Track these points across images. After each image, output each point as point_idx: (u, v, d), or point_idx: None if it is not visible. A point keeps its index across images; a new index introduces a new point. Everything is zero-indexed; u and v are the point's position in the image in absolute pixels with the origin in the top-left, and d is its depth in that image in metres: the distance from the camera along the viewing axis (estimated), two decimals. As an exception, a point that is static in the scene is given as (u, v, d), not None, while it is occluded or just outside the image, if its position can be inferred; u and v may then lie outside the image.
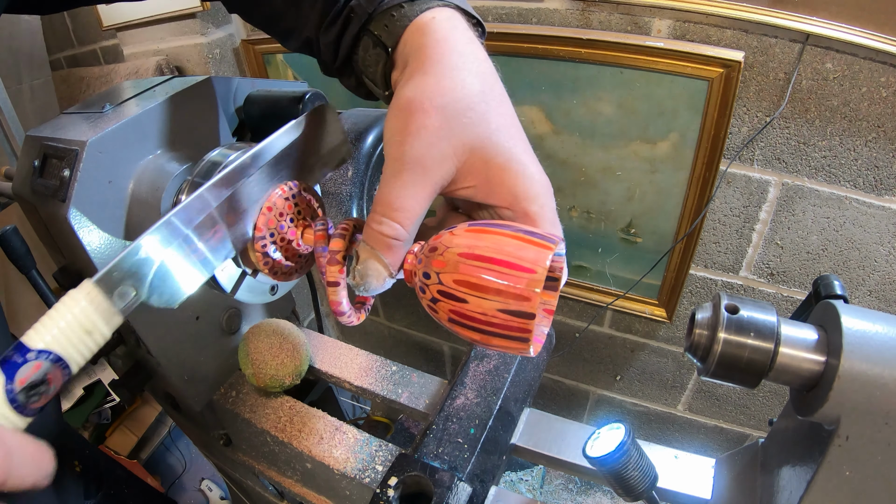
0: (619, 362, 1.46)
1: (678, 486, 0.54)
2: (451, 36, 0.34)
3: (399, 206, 0.31)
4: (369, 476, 0.56)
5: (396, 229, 0.32)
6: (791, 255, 1.06)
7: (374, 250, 0.32)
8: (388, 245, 0.32)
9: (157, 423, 1.77)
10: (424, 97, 0.32)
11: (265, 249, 0.38)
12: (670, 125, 0.98)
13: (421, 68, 0.33)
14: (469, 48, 0.34)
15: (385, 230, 0.31)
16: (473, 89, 0.33)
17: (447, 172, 0.32)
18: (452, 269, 0.29)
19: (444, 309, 0.30)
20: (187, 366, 0.62)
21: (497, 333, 0.29)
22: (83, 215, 0.47)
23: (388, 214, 0.31)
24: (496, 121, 0.33)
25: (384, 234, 0.32)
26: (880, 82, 0.82)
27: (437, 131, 0.31)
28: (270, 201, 0.37)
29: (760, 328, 0.35)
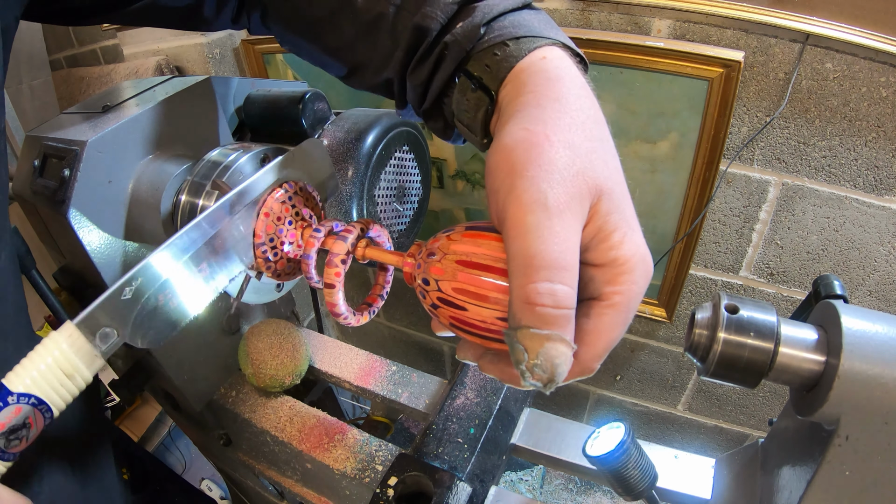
0: (619, 362, 1.46)
1: (678, 486, 0.54)
2: (565, 76, 0.30)
3: (564, 264, 0.25)
4: (369, 476, 0.56)
5: (568, 295, 0.25)
6: (791, 255, 1.06)
7: (551, 332, 0.24)
8: (565, 318, 0.24)
9: (157, 423, 1.77)
10: (547, 130, 0.27)
11: (266, 255, 0.38)
12: (670, 125, 0.98)
13: (535, 103, 0.29)
14: (584, 92, 0.31)
15: (559, 299, 0.24)
16: (594, 133, 0.29)
17: (585, 216, 0.27)
18: (451, 278, 0.29)
19: (445, 315, 0.30)
20: (187, 366, 0.62)
21: (498, 339, 0.29)
22: (83, 215, 0.47)
23: (555, 278, 0.24)
24: (615, 172, 0.29)
25: (559, 304, 0.24)
26: (880, 82, 0.82)
27: (570, 167, 0.26)
28: (267, 206, 0.37)
29: (760, 328, 0.35)
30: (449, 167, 1.28)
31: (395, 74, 0.37)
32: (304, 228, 0.39)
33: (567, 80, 0.30)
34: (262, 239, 0.37)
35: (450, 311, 0.30)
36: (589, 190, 0.27)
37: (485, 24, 0.32)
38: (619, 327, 0.27)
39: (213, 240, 0.34)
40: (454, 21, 0.34)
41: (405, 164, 0.65)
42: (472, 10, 0.33)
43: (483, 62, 0.32)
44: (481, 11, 0.33)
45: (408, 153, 0.65)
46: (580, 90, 0.30)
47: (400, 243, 0.66)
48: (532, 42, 0.31)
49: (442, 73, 0.34)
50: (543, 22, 0.34)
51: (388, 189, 0.63)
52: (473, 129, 0.34)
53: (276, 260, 0.39)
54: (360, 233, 0.36)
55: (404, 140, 0.63)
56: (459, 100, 0.34)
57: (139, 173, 0.50)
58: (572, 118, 0.29)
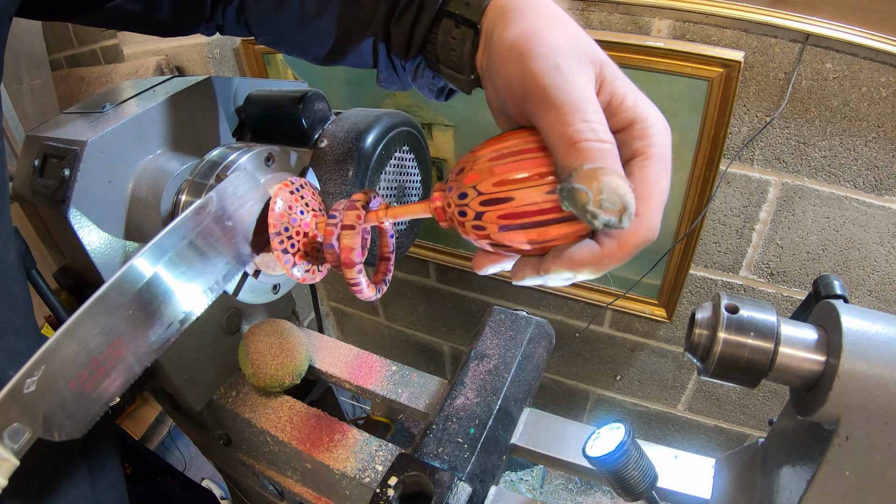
0: (619, 362, 1.46)
1: (678, 486, 0.54)
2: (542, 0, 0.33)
3: (592, 107, 0.27)
4: (369, 476, 0.56)
5: (605, 129, 0.27)
6: (791, 255, 1.06)
7: (603, 165, 0.25)
8: (611, 152, 0.26)
9: (157, 423, 1.77)
10: (539, 23, 0.31)
11: (283, 246, 0.37)
12: (670, 125, 0.98)
13: (519, 16, 0.32)
14: (556, 6, 0.33)
15: (599, 133, 0.26)
16: (576, 26, 0.32)
17: (594, 80, 0.29)
18: (488, 174, 0.29)
19: (493, 219, 0.29)
20: (187, 366, 0.62)
21: (553, 220, 0.28)
22: (83, 215, 0.47)
23: (588, 117, 0.26)
24: (603, 53, 0.32)
25: (601, 138, 0.26)
26: (880, 82, 0.82)
27: (570, 43, 0.30)
28: (275, 197, 0.36)
29: (760, 328, 0.35)
30: (449, 167, 1.27)
31: (380, 29, 0.38)
32: (318, 217, 0.39)
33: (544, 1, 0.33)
34: (277, 228, 0.37)
35: (496, 210, 0.29)
36: (590, 59, 0.30)
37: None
38: (665, 176, 0.29)
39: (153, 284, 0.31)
40: None
41: (405, 164, 0.65)
42: None
43: (462, 1, 0.34)
44: None
45: (408, 153, 0.65)
46: (553, 5, 0.33)
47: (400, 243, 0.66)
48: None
49: (425, 18, 0.36)
50: None
51: (388, 189, 0.63)
52: (460, 66, 0.36)
53: (295, 252, 0.38)
54: (366, 200, 0.36)
55: (404, 140, 0.63)
56: (444, 41, 0.35)
57: (139, 173, 0.50)
58: (556, 17, 0.32)
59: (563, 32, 0.30)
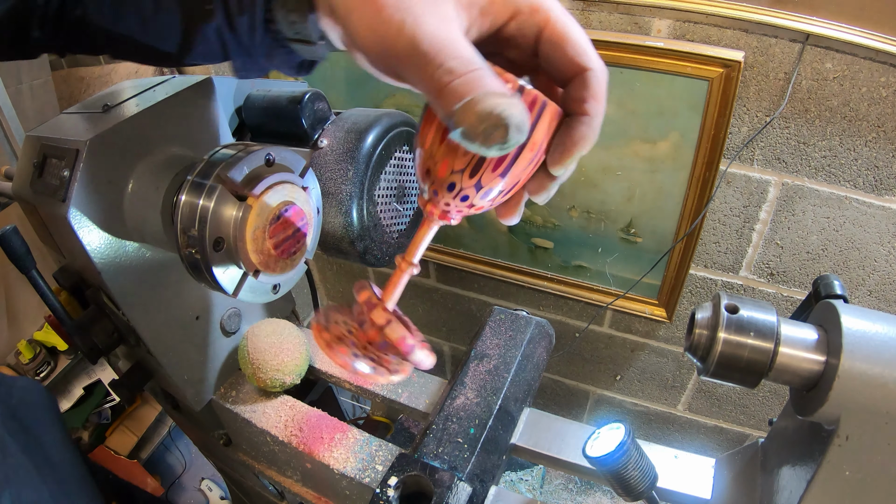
0: (619, 362, 1.46)
1: (678, 486, 0.54)
2: None
3: (450, 49, 0.24)
4: (369, 476, 0.56)
5: (467, 58, 0.24)
6: (791, 255, 1.06)
7: (468, 99, 0.23)
8: (479, 75, 0.24)
9: (157, 423, 1.77)
10: None
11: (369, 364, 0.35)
12: (670, 125, 0.98)
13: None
14: None
15: (463, 63, 0.24)
16: None
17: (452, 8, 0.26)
18: (453, 153, 0.28)
19: (490, 178, 0.28)
20: (187, 366, 0.62)
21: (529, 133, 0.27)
22: (83, 215, 0.47)
23: (446, 63, 0.24)
24: None
25: (466, 68, 0.24)
26: (880, 82, 0.82)
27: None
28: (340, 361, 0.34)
29: (760, 328, 0.35)
30: (449, 167, 1.27)
31: (221, 15, 0.36)
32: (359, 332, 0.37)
33: None
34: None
35: (485, 169, 0.28)
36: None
37: None
38: (594, 136, 0.28)
39: None
40: None
41: (405, 164, 0.65)
42: None
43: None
44: None
45: (408, 153, 0.65)
46: None
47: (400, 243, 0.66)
48: None
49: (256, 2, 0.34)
50: None
51: (388, 189, 0.63)
52: (307, 36, 0.34)
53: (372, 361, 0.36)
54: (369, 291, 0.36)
55: (404, 140, 0.63)
56: (284, 15, 0.34)
57: (139, 173, 0.50)
58: None
59: None
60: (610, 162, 1.08)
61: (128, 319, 0.53)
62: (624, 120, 1.01)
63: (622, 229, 1.17)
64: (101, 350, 0.56)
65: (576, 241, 1.24)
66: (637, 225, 1.15)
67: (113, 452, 1.67)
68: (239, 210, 0.42)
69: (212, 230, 0.41)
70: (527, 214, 1.25)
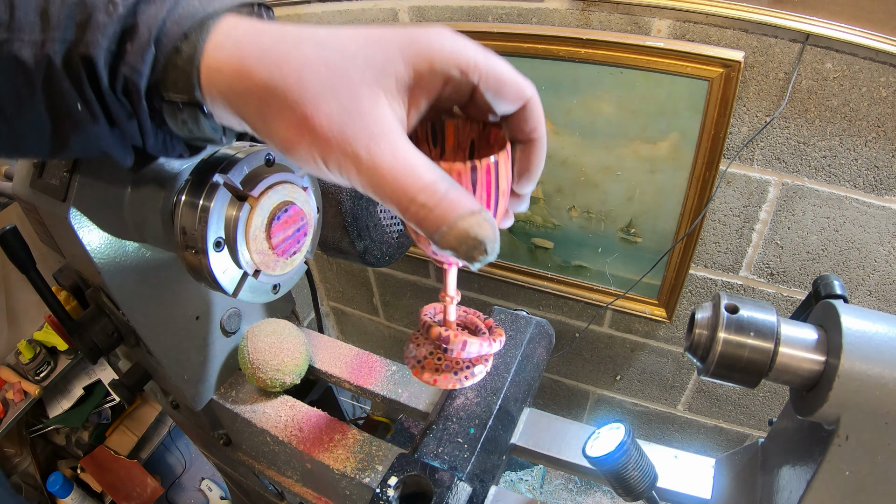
0: (619, 362, 1.46)
1: (678, 486, 0.54)
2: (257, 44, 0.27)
3: (402, 174, 0.24)
4: (369, 476, 0.56)
5: (429, 192, 0.25)
6: (791, 255, 1.06)
7: (446, 229, 0.25)
8: (447, 206, 0.25)
9: (157, 423, 1.78)
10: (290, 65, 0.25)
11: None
12: (670, 125, 0.98)
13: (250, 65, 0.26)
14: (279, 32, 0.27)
15: (426, 199, 0.24)
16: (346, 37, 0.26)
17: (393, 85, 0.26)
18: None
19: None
20: (187, 366, 0.62)
21: None
22: (83, 215, 0.47)
23: (410, 192, 0.25)
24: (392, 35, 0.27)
25: (429, 204, 0.24)
26: (880, 82, 0.82)
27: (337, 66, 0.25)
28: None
29: (760, 328, 0.35)
30: (449, 167, 1.27)
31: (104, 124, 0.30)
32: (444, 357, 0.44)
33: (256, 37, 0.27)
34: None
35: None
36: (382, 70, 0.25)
37: (153, 41, 0.28)
38: (544, 152, 0.31)
39: None
40: (121, 46, 0.28)
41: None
42: (134, 29, 0.28)
43: (170, 79, 0.28)
44: (145, 25, 0.28)
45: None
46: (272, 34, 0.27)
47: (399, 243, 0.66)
48: (200, 32, 0.27)
49: (140, 111, 0.29)
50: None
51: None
52: (209, 138, 0.31)
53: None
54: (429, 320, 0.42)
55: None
56: (176, 123, 0.30)
57: (139, 173, 0.50)
58: (293, 38, 0.26)
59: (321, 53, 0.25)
60: (610, 162, 1.08)
61: (128, 319, 0.53)
62: (624, 120, 1.01)
63: (622, 229, 1.17)
64: (101, 350, 0.56)
65: (576, 241, 1.24)
66: (637, 225, 1.15)
67: (113, 452, 1.67)
68: (239, 210, 0.42)
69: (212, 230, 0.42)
70: (527, 214, 1.25)
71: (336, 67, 0.25)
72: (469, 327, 0.50)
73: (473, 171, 0.27)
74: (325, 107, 0.25)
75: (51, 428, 1.62)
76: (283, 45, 0.26)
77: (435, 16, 1.08)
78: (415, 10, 1.10)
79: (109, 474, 1.65)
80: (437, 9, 1.07)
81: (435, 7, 1.07)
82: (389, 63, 0.26)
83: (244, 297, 0.48)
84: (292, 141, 0.26)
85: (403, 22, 1.12)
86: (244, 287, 0.47)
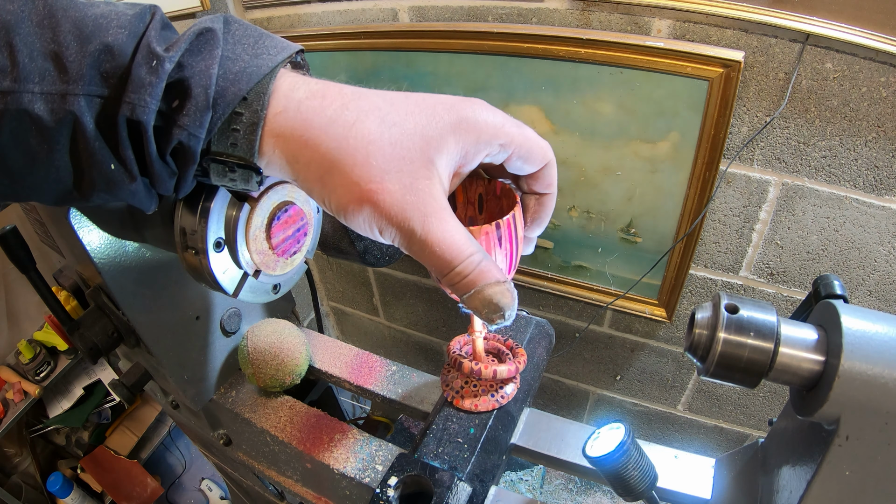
0: (619, 362, 1.46)
1: (678, 486, 0.54)
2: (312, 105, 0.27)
3: (448, 248, 0.28)
4: (369, 476, 0.56)
5: (467, 262, 0.28)
6: (791, 255, 1.06)
7: (474, 292, 0.28)
8: (475, 275, 0.28)
9: (157, 423, 1.78)
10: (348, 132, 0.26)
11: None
12: (670, 125, 0.98)
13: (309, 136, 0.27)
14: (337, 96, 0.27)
15: (461, 268, 0.28)
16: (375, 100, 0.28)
17: (444, 163, 0.28)
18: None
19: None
20: (187, 366, 0.62)
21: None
22: (83, 215, 0.47)
23: (453, 264, 0.28)
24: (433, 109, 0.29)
25: (462, 273, 0.28)
26: (880, 82, 0.82)
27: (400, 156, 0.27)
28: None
29: (760, 328, 0.35)
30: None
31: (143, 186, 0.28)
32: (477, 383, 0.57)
33: (318, 103, 0.27)
34: None
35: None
36: (433, 154, 0.28)
37: (211, 106, 0.26)
38: (554, 204, 0.35)
39: None
40: (170, 105, 0.26)
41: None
42: (186, 87, 0.26)
43: (228, 142, 0.27)
44: (199, 85, 0.26)
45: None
46: (334, 101, 0.27)
47: (400, 243, 0.66)
48: (260, 95, 0.26)
49: (188, 174, 0.28)
50: (252, 44, 0.28)
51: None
52: (252, 190, 0.30)
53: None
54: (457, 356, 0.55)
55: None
56: (222, 179, 0.29)
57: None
58: (355, 108, 0.27)
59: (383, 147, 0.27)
60: (610, 162, 1.08)
61: (128, 319, 0.53)
62: (624, 120, 1.01)
63: (622, 229, 1.17)
64: (101, 350, 0.56)
65: (576, 241, 1.24)
66: (637, 225, 1.15)
67: (113, 452, 1.67)
68: (239, 210, 0.42)
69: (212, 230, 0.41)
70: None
71: (399, 146, 0.27)
72: (492, 352, 0.59)
73: (498, 228, 0.33)
74: (388, 186, 0.26)
75: (51, 428, 1.62)
76: (348, 115, 0.27)
77: (435, 16, 1.08)
78: (415, 10, 1.10)
79: (109, 474, 1.65)
80: (437, 9, 1.07)
81: (435, 7, 1.07)
82: (443, 142, 0.28)
83: (244, 297, 0.48)
84: (353, 210, 0.27)
85: (403, 22, 1.12)
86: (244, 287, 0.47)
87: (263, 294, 0.50)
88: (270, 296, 0.52)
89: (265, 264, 0.46)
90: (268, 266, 0.46)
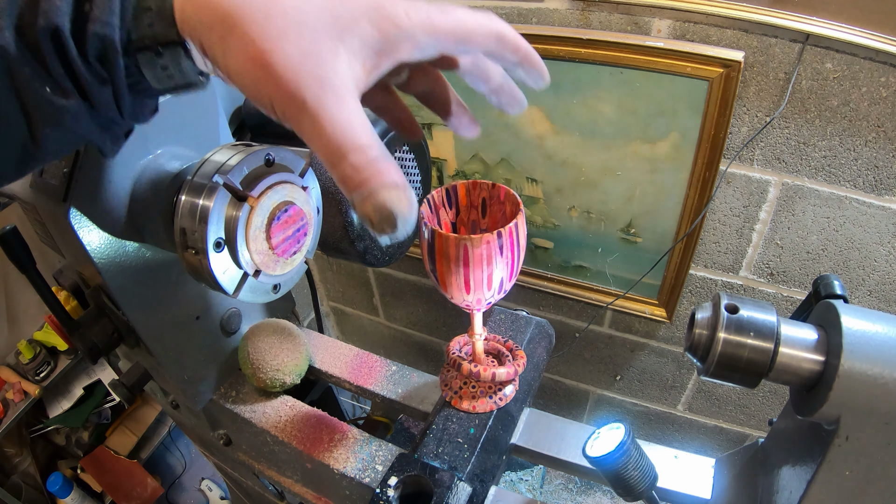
0: (619, 362, 1.46)
1: (678, 486, 0.54)
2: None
3: (341, 130, 0.25)
4: (369, 476, 0.56)
5: (361, 151, 0.25)
6: (791, 255, 1.06)
7: (365, 194, 0.25)
8: (378, 170, 0.25)
9: (157, 423, 1.77)
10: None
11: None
12: (670, 125, 0.98)
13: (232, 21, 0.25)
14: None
15: (358, 159, 0.25)
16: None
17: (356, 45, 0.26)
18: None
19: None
20: (187, 366, 0.62)
21: None
22: (83, 215, 0.47)
23: (343, 149, 0.25)
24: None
25: (366, 159, 0.25)
26: (880, 82, 0.82)
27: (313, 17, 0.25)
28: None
29: (760, 328, 0.35)
30: (449, 167, 1.27)
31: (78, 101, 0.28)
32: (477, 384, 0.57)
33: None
34: None
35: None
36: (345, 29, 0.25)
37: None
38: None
39: None
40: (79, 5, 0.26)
41: (405, 165, 0.65)
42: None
43: (144, 25, 0.26)
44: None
45: (408, 153, 0.65)
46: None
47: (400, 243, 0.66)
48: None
49: (118, 71, 0.27)
50: None
51: (388, 189, 0.62)
52: (186, 77, 0.29)
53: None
54: (458, 356, 0.55)
55: (404, 140, 0.63)
56: (155, 73, 0.28)
57: (139, 173, 0.50)
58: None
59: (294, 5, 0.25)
60: (610, 162, 1.08)
61: (128, 319, 0.53)
62: (624, 120, 1.01)
63: (622, 229, 1.17)
64: (101, 350, 0.56)
65: (576, 241, 1.24)
66: (637, 225, 1.15)
67: (113, 452, 1.67)
68: (239, 210, 0.42)
69: (212, 231, 0.41)
70: (527, 214, 1.25)
71: (303, 13, 0.25)
72: (492, 353, 0.59)
73: (500, 237, 0.32)
74: (285, 46, 0.25)
75: (51, 428, 1.62)
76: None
77: (435, 16, 1.08)
78: (415, 10, 1.09)
79: (109, 474, 1.65)
80: (437, 9, 1.07)
81: (435, 7, 1.07)
82: (355, 23, 0.26)
83: (244, 297, 0.48)
84: (246, 73, 0.25)
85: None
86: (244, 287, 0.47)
87: (263, 294, 0.50)
88: (270, 296, 0.52)
89: (265, 264, 0.46)
90: (268, 266, 0.46)
